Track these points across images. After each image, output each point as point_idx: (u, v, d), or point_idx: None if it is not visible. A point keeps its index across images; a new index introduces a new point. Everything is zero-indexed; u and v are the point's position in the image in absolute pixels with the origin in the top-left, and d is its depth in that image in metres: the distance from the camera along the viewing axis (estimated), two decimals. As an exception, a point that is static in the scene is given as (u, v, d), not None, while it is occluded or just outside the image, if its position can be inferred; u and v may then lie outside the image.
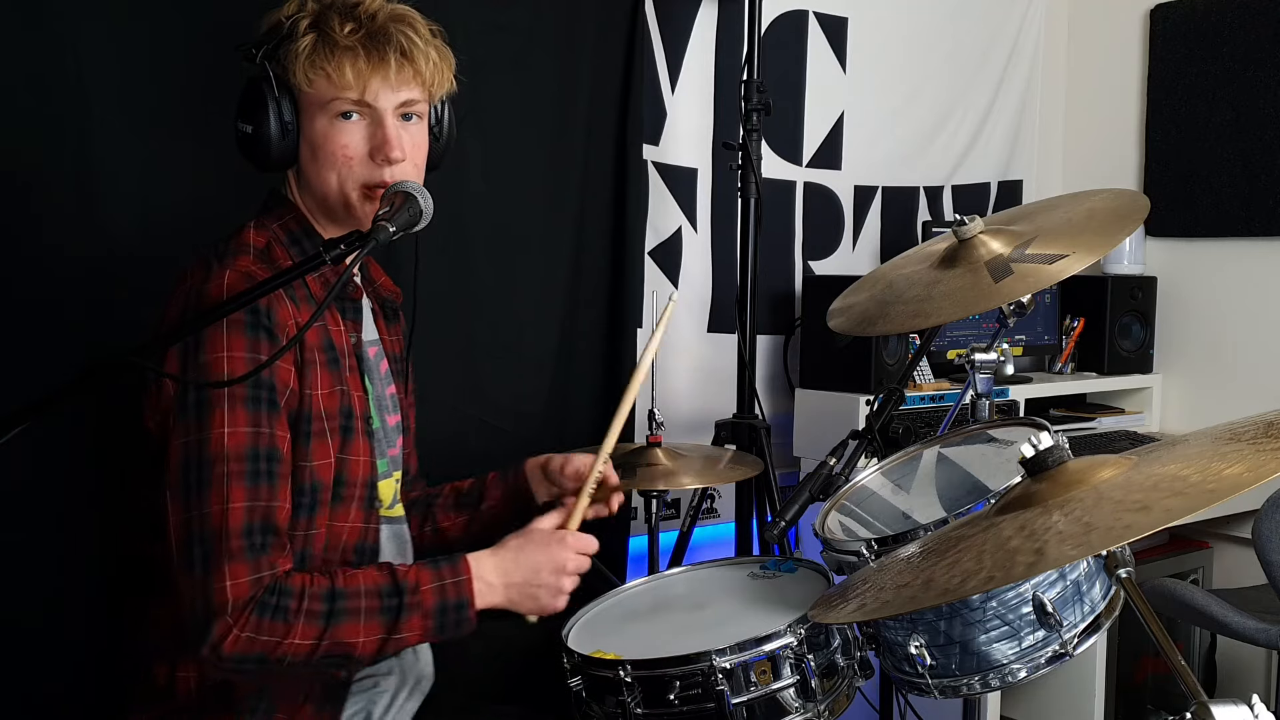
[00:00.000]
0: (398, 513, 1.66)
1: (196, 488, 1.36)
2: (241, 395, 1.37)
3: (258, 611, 1.34)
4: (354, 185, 1.49)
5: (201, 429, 1.37)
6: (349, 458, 1.50)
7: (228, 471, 1.36)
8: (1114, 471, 1.19)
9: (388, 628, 1.40)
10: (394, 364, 1.69)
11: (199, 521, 1.36)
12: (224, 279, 1.40)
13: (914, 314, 1.75)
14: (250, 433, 1.37)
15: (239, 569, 1.34)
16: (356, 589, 1.40)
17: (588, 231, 2.69)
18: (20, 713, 1.87)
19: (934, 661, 1.42)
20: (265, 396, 1.39)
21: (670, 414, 2.57)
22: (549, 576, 1.52)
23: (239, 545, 1.35)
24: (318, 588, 1.39)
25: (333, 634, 1.37)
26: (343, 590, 1.40)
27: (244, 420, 1.37)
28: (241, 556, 1.35)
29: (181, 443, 1.38)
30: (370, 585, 1.41)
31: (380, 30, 1.46)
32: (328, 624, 1.37)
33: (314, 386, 1.45)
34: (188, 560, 1.36)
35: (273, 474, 1.39)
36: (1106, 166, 3.72)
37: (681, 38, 2.88)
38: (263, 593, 1.35)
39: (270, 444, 1.39)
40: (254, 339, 1.38)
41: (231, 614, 1.33)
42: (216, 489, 1.35)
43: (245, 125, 1.48)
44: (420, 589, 1.42)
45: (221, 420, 1.36)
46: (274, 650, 1.35)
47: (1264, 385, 3.33)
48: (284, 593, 1.36)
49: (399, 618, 1.40)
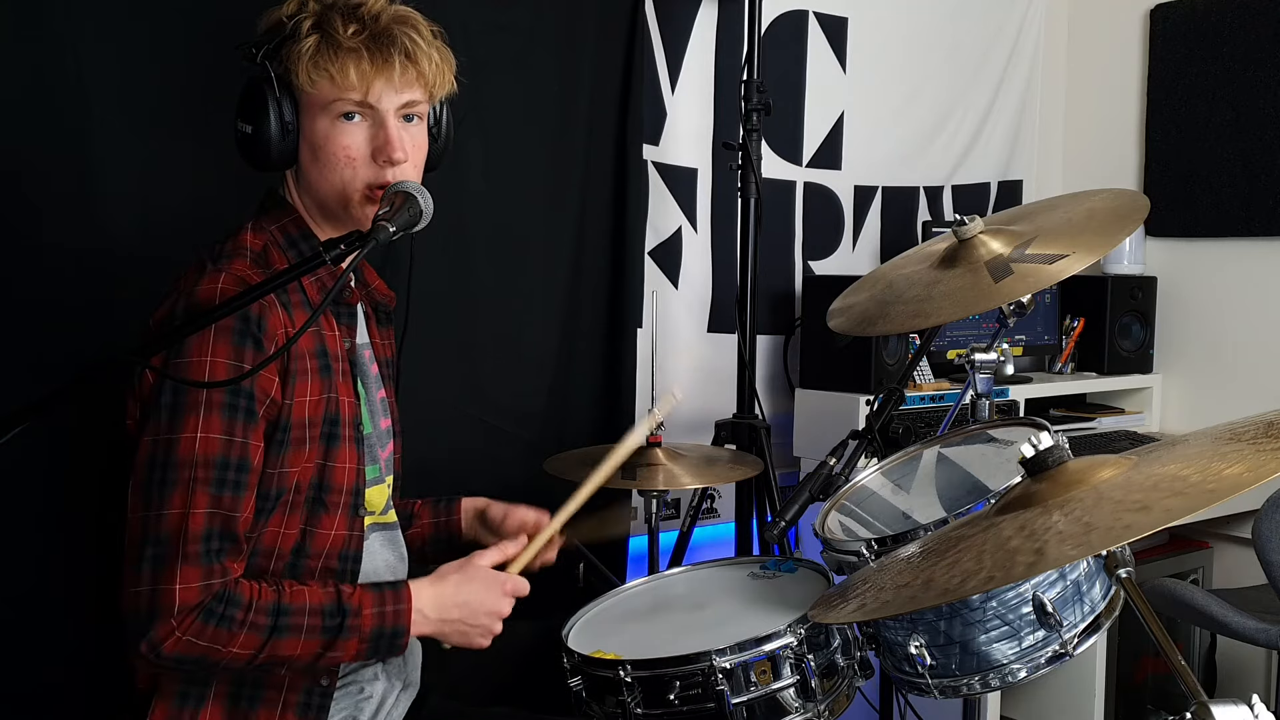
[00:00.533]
0: (390, 519, 1.65)
1: (159, 487, 1.36)
2: (219, 402, 1.37)
3: (203, 617, 1.35)
4: (355, 186, 1.49)
5: (173, 429, 1.36)
6: (334, 465, 1.49)
7: (194, 477, 1.36)
8: (1114, 471, 1.19)
9: (325, 645, 1.41)
10: (385, 368, 1.69)
11: (156, 521, 1.36)
12: (216, 284, 1.40)
13: (914, 314, 1.75)
14: (223, 440, 1.37)
15: (191, 573, 1.35)
16: (301, 606, 1.41)
17: (588, 231, 2.68)
18: (8, 712, 1.87)
19: (934, 661, 1.42)
20: (243, 405, 1.39)
21: (670, 414, 2.58)
22: (484, 618, 1.52)
23: (195, 550, 1.35)
24: (264, 600, 1.39)
25: (272, 647, 1.38)
26: (288, 606, 1.40)
27: (218, 427, 1.37)
28: (195, 561, 1.35)
29: (150, 440, 1.38)
30: (315, 604, 1.42)
31: (384, 32, 1.46)
32: (269, 638, 1.38)
33: (298, 394, 1.44)
34: (138, 556, 1.36)
35: (240, 484, 1.39)
36: (1106, 166, 3.72)
37: (681, 38, 2.88)
38: (210, 599, 1.36)
39: (242, 454, 1.39)
40: (239, 346, 1.38)
41: (176, 616, 1.34)
42: (181, 492, 1.36)
43: (245, 125, 1.47)
44: (362, 612, 1.43)
45: (195, 425, 1.36)
46: (213, 655, 1.37)
47: (1264, 385, 3.33)
48: (231, 602, 1.37)
49: (337, 637, 1.42)
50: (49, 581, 1.89)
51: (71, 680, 1.90)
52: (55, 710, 1.91)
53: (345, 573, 1.52)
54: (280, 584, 1.43)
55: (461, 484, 2.44)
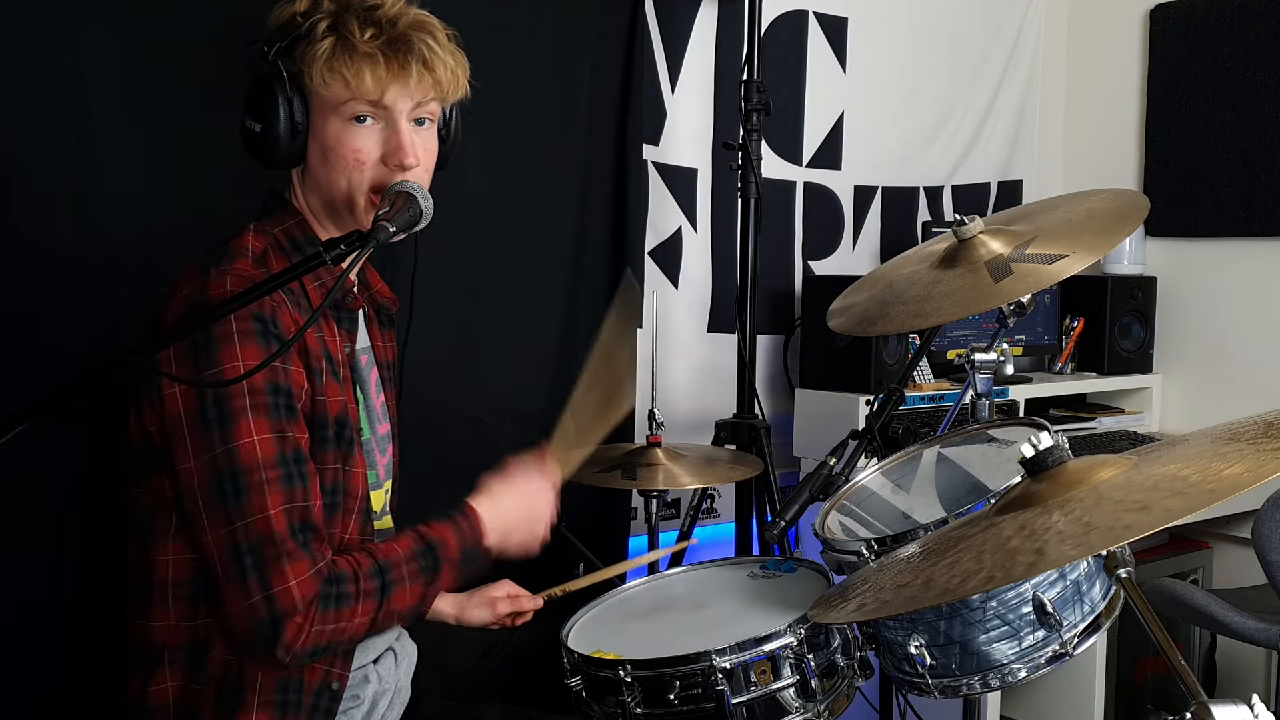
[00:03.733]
0: (387, 524, 1.65)
1: (235, 498, 1.35)
2: (263, 404, 1.37)
3: (321, 605, 1.37)
4: (364, 189, 1.48)
5: (227, 440, 1.36)
6: (349, 469, 1.50)
7: (265, 479, 1.36)
8: (1114, 471, 1.19)
9: (427, 584, 1.47)
10: (385, 371, 1.68)
11: (244, 531, 1.35)
12: (225, 284, 1.39)
13: (914, 314, 1.75)
14: (276, 439, 1.37)
15: (300, 567, 1.36)
16: (398, 558, 1.45)
17: (588, 231, 2.68)
18: (10, 713, 1.87)
19: (934, 661, 1.42)
20: (284, 402, 1.39)
21: (670, 414, 2.58)
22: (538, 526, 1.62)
23: (293, 545, 1.36)
24: (366, 567, 1.42)
25: (387, 605, 1.42)
26: (387, 563, 1.44)
27: (268, 427, 1.37)
28: (300, 555, 1.36)
29: (209, 457, 1.36)
30: (407, 551, 1.46)
31: (401, 38, 1.44)
32: (383, 597, 1.42)
33: (323, 393, 1.45)
34: (238, 570, 1.35)
35: (304, 475, 1.40)
36: (1106, 166, 3.72)
37: (681, 38, 2.88)
38: (323, 585, 1.37)
39: (295, 447, 1.40)
40: (266, 346, 1.37)
41: (301, 611, 1.35)
42: (256, 497, 1.35)
43: (254, 123, 1.46)
44: (447, 543, 1.49)
45: (248, 429, 1.36)
46: (340, 635, 1.39)
47: (1264, 385, 3.33)
48: (339, 580, 1.39)
49: (437, 572, 1.47)
50: (52, 583, 1.89)
51: (73, 684, 1.90)
52: (57, 713, 1.90)
53: None
54: (367, 547, 1.47)
55: (461, 484, 2.45)
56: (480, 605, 1.85)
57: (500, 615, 1.84)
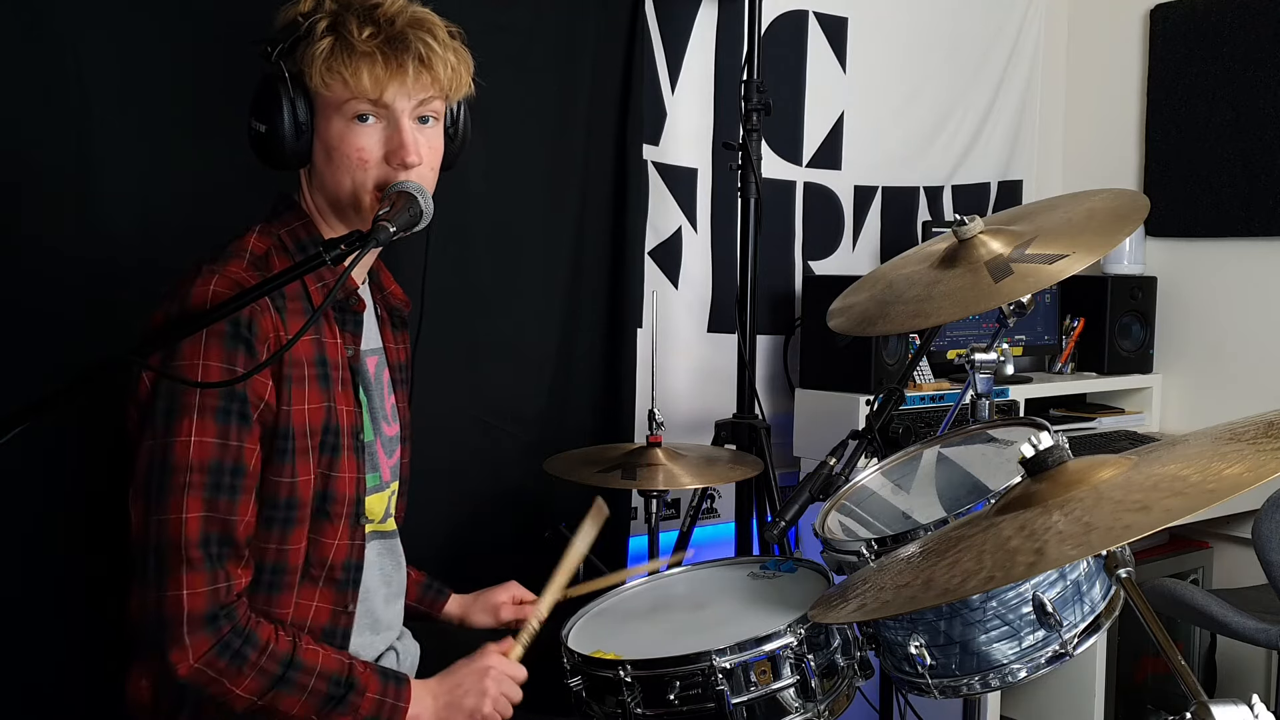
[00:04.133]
0: (389, 527, 1.64)
1: (157, 493, 1.37)
2: (212, 406, 1.37)
3: (218, 650, 1.36)
4: (368, 188, 1.48)
5: (168, 434, 1.37)
6: (336, 474, 1.49)
7: (189, 482, 1.36)
8: (1114, 471, 1.19)
9: (321, 710, 1.43)
10: (397, 373, 1.68)
11: (156, 528, 1.36)
12: (208, 286, 1.39)
13: (914, 314, 1.75)
14: (217, 444, 1.37)
15: (195, 579, 1.35)
16: (313, 666, 1.42)
17: (588, 231, 2.68)
18: (4, 713, 1.87)
19: (934, 661, 1.42)
20: (236, 409, 1.39)
21: (670, 414, 2.58)
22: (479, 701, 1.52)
23: (197, 555, 1.36)
24: (280, 649, 1.40)
25: (274, 697, 1.40)
26: (300, 661, 1.41)
27: (212, 431, 1.37)
28: (199, 566, 1.35)
29: (148, 445, 1.38)
30: (325, 668, 1.43)
31: (399, 36, 1.44)
32: (274, 687, 1.39)
33: (296, 401, 1.44)
34: (143, 566, 1.37)
35: (235, 488, 1.39)
36: (1106, 166, 3.72)
37: (681, 38, 2.88)
38: (229, 630, 1.36)
39: (237, 458, 1.39)
40: (231, 350, 1.37)
41: (187, 626, 1.34)
42: (175, 497, 1.36)
43: (259, 124, 1.46)
44: (365, 694, 1.45)
45: (189, 429, 1.36)
46: (217, 689, 1.38)
47: (1264, 385, 3.33)
48: (249, 640, 1.38)
49: (336, 709, 1.43)
50: (46, 583, 1.89)
51: (67, 683, 1.89)
52: (52, 713, 1.90)
53: (349, 582, 1.53)
54: (297, 637, 1.43)
55: (460, 485, 2.45)
56: (484, 611, 1.85)
57: (503, 622, 1.84)
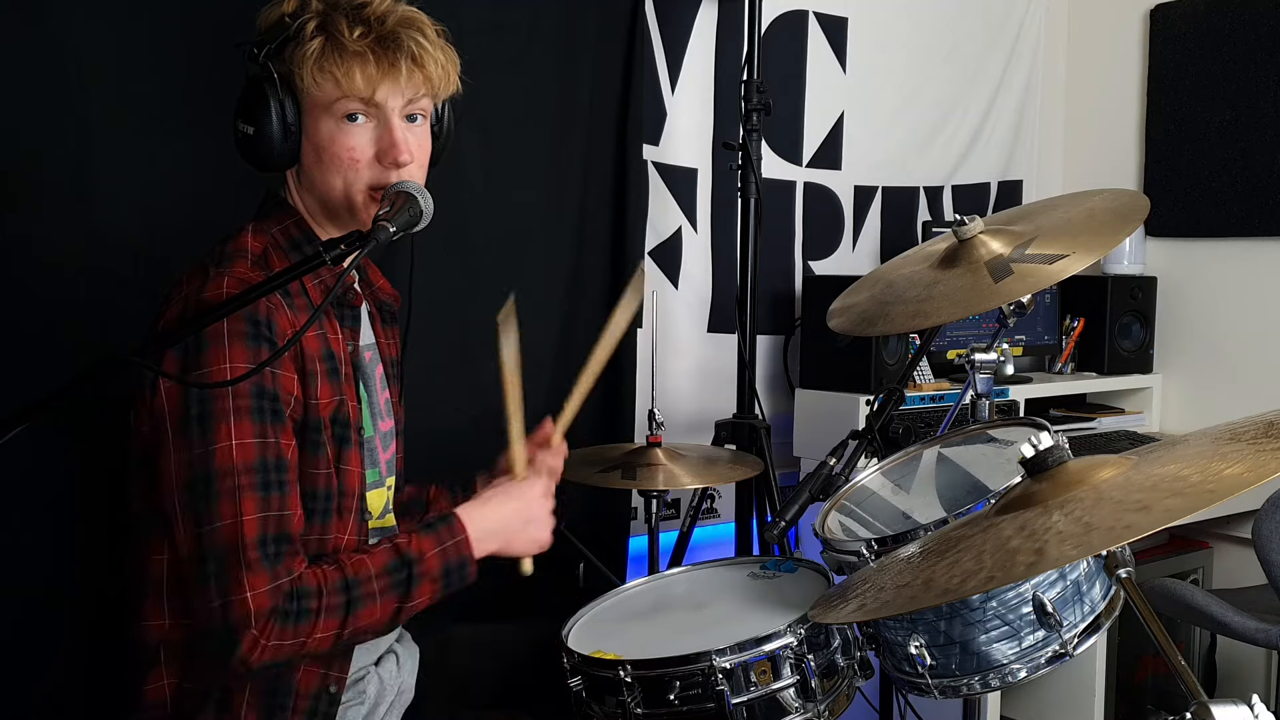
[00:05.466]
0: (388, 523, 1.64)
1: (205, 501, 1.35)
2: (246, 407, 1.36)
3: (279, 620, 1.35)
4: (360, 188, 1.48)
5: (206, 442, 1.35)
6: (345, 468, 1.49)
7: (238, 484, 1.35)
8: (1114, 471, 1.19)
9: (401, 599, 1.44)
10: (389, 368, 1.68)
11: (210, 536, 1.35)
12: (222, 286, 1.39)
13: (914, 314, 1.75)
14: (257, 444, 1.37)
15: (257, 580, 1.34)
16: (368, 573, 1.42)
17: (588, 231, 2.68)
18: (11, 716, 1.87)
19: (934, 661, 1.42)
20: (269, 406, 1.38)
21: (670, 414, 2.57)
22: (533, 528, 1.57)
23: (255, 556, 1.34)
24: (332, 581, 1.40)
25: (353, 621, 1.40)
26: (355, 579, 1.41)
27: (250, 432, 1.36)
28: (259, 567, 1.34)
29: (187, 457, 1.36)
30: (379, 566, 1.43)
31: (390, 35, 1.44)
32: (348, 613, 1.39)
33: (317, 395, 1.45)
34: (202, 575, 1.36)
35: (283, 483, 1.39)
36: (1106, 166, 3.72)
37: (681, 38, 2.88)
38: (282, 601, 1.36)
39: (277, 454, 1.39)
40: (255, 349, 1.37)
41: (255, 625, 1.34)
42: (228, 502, 1.35)
43: (246, 126, 1.46)
44: (425, 557, 1.45)
45: (228, 433, 1.35)
46: (300, 650, 1.38)
47: (1264, 385, 3.33)
48: (302, 595, 1.37)
49: (410, 588, 1.44)
50: (53, 583, 1.89)
51: (75, 683, 1.89)
52: (60, 712, 1.90)
53: None
54: (339, 559, 1.43)
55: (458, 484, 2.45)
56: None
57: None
